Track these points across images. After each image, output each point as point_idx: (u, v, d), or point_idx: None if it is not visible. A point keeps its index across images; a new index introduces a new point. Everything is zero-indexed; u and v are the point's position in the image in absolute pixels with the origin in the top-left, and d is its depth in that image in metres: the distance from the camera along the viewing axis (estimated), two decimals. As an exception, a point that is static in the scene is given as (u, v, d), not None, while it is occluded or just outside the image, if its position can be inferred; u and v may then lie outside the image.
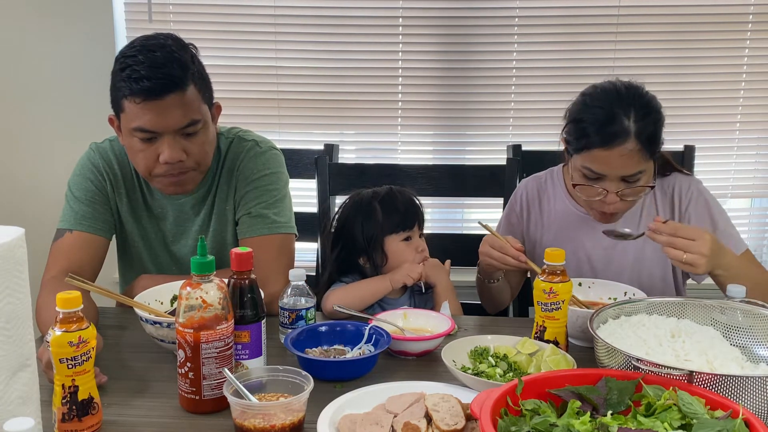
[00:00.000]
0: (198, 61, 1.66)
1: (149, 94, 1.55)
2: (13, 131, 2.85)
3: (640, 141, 1.64)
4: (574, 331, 1.53)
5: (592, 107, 1.68)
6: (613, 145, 1.64)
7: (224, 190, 1.79)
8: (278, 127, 2.86)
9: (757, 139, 2.88)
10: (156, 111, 1.57)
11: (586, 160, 1.70)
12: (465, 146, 2.91)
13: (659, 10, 2.75)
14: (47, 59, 2.79)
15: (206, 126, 1.66)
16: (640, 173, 1.70)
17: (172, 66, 1.56)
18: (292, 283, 1.57)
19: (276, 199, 1.78)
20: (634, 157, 1.65)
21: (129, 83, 1.55)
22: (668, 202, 1.86)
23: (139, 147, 1.62)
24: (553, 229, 1.92)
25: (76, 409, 1.16)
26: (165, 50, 1.58)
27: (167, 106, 1.57)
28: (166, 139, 1.60)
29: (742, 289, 1.48)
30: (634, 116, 1.64)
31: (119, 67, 1.58)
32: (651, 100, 1.70)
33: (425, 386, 1.30)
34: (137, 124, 1.58)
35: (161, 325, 1.44)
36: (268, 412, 1.16)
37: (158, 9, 2.78)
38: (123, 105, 1.59)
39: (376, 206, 1.84)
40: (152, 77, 1.54)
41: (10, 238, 1.04)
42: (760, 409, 1.10)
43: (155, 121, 1.58)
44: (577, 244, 1.89)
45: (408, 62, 2.82)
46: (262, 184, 1.78)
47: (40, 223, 1.97)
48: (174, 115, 1.58)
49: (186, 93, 1.59)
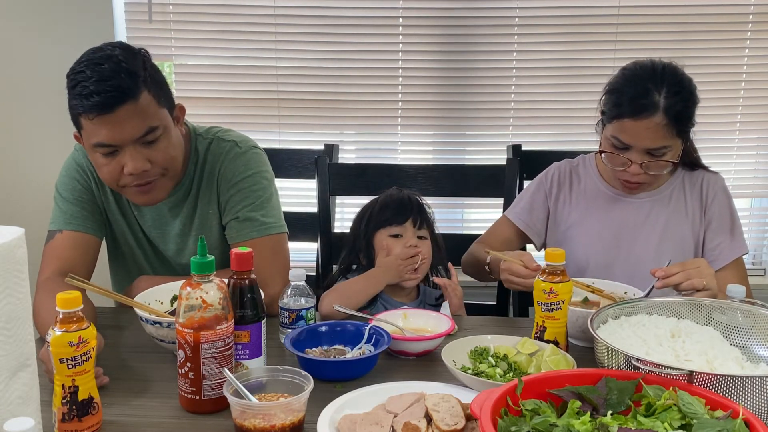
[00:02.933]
0: (151, 65, 1.62)
1: (101, 109, 1.52)
2: (13, 131, 2.85)
3: (667, 116, 1.71)
4: (574, 331, 1.53)
5: (629, 80, 1.78)
6: (642, 117, 1.72)
7: (207, 193, 1.77)
8: (278, 127, 2.86)
9: (757, 139, 2.88)
10: (111, 124, 1.54)
11: (616, 130, 1.77)
12: (465, 146, 2.90)
13: (659, 10, 2.75)
14: (47, 59, 2.79)
15: (167, 131, 1.63)
16: (665, 148, 1.76)
17: (119, 77, 1.52)
18: (292, 283, 1.58)
19: (262, 199, 1.76)
20: (660, 131, 1.72)
21: (80, 100, 1.53)
22: (696, 194, 1.92)
23: (102, 161, 1.60)
24: (582, 205, 1.97)
25: (76, 409, 1.16)
26: (112, 61, 1.54)
27: (121, 119, 1.54)
28: (127, 151, 1.57)
29: (742, 289, 1.49)
30: (665, 92, 1.72)
31: (70, 85, 1.56)
32: (684, 80, 1.78)
33: (425, 386, 1.30)
34: (95, 140, 1.56)
35: (161, 325, 1.44)
36: (268, 412, 1.16)
37: (158, 9, 2.78)
38: (80, 122, 1.57)
39: (374, 203, 1.88)
40: (101, 92, 1.51)
41: (10, 238, 1.04)
42: (760, 409, 1.10)
43: (112, 135, 1.55)
44: (607, 220, 1.93)
45: (408, 62, 2.82)
46: (246, 185, 1.75)
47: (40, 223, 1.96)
48: (130, 126, 1.55)
49: (138, 102, 1.54)
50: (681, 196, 1.92)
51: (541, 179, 2.04)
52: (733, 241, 1.88)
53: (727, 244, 1.87)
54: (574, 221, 1.96)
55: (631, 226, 1.91)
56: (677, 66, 1.80)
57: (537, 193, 2.02)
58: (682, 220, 1.90)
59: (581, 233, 1.95)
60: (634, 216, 1.92)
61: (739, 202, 3.01)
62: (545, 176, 2.03)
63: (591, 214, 1.95)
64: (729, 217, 1.90)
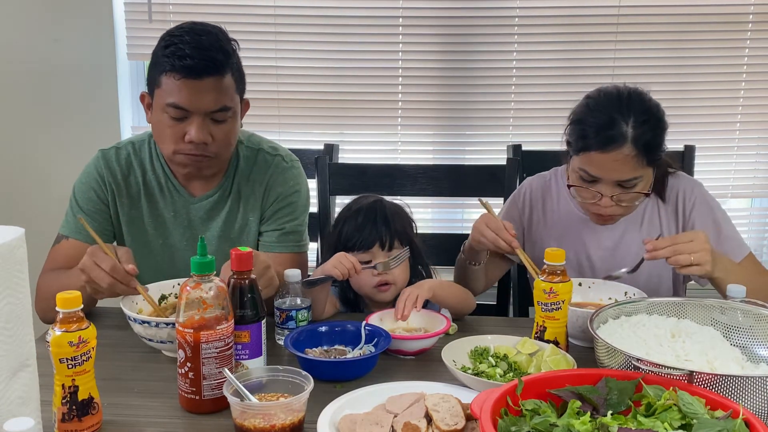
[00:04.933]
0: (238, 56, 1.71)
1: (190, 72, 1.60)
2: (13, 131, 2.85)
3: (636, 147, 1.65)
4: (574, 331, 1.53)
5: (594, 110, 1.71)
6: (610, 149, 1.66)
7: (250, 201, 1.82)
8: (278, 127, 2.86)
9: (757, 139, 2.88)
10: (193, 90, 1.61)
11: (584, 162, 1.71)
12: (465, 146, 2.90)
13: (659, 11, 2.75)
14: (47, 59, 2.79)
15: (235, 116, 1.70)
16: (636, 179, 1.70)
17: (215, 50, 1.62)
18: (289, 282, 1.57)
19: (304, 216, 1.87)
20: (629, 162, 1.66)
21: (172, 59, 1.60)
22: (672, 208, 1.86)
23: (168, 123, 1.65)
24: (556, 229, 1.92)
25: (76, 409, 1.16)
26: (211, 36, 1.64)
27: (204, 88, 1.61)
28: (195, 120, 1.64)
29: (742, 289, 1.48)
30: (632, 122, 1.65)
31: (164, 45, 1.64)
32: (652, 107, 1.71)
33: (425, 386, 1.30)
34: (172, 99, 1.62)
35: (150, 325, 1.44)
36: (268, 412, 1.16)
37: (158, 9, 2.78)
38: (161, 80, 1.63)
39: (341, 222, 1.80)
40: (195, 57, 1.59)
41: (10, 238, 1.04)
42: (760, 409, 1.10)
43: (190, 100, 1.62)
44: (579, 246, 1.89)
45: (408, 62, 2.82)
46: (294, 200, 1.84)
47: (40, 223, 1.96)
48: (209, 97, 1.63)
49: (223, 79, 1.64)
50: (654, 213, 1.86)
51: (513, 198, 2.01)
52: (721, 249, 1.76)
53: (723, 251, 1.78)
54: (549, 243, 1.89)
55: (607, 246, 1.87)
56: (643, 92, 1.72)
57: (511, 211, 1.98)
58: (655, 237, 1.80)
59: None
60: (607, 236, 1.87)
61: (739, 202, 3.02)
62: (517, 194, 2.00)
63: (565, 239, 1.89)
64: (712, 224, 1.81)
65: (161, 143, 1.71)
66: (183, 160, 1.69)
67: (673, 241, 1.58)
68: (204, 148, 1.66)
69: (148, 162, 1.81)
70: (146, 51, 2.76)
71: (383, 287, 1.74)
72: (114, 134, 2.78)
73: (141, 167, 1.81)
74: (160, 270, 1.79)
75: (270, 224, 1.82)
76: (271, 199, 1.82)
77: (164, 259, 1.84)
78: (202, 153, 1.67)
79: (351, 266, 1.63)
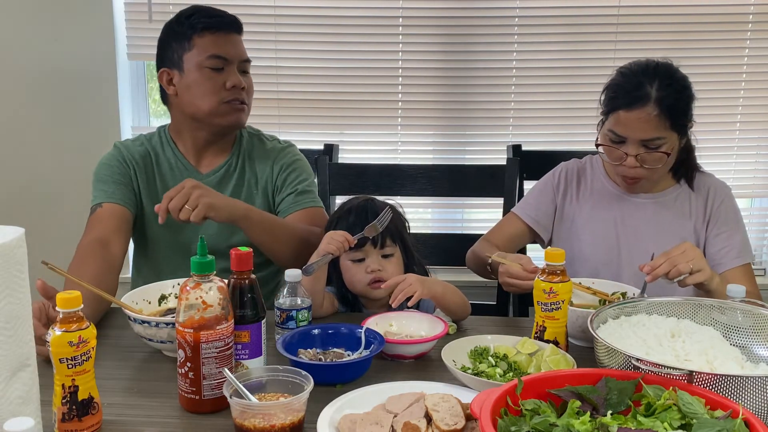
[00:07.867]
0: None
1: (221, 26, 1.86)
2: (13, 131, 2.85)
3: (659, 107, 1.76)
4: (574, 331, 1.53)
5: (624, 75, 1.85)
6: (634, 108, 1.77)
7: (251, 177, 1.98)
8: (278, 127, 2.86)
9: (757, 139, 2.88)
10: (226, 41, 1.87)
11: (611, 123, 1.83)
12: (465, 146, 2.91)
13: (659, 10, 2.75)
14: (47, 59, 2.79)
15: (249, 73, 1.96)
16: (659, 140, 1.79)
17: (232, 16, 1.91)
18: (288, 282, 1.57)
19: (312, 178, 2.05)
20: (652, 121, 1.77)
21: (200, 19, 1.85)
22: (702, 199, 1.95)
23: (208, 76, 1.85)
24: (589, 202, 2.00)
25: (76, 409, 1.16)
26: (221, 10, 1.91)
27: (235, 41, 1.90)
28: (230, 70, 1.87)
29: (742, 289, 1.49)
30: (657, 85, 1.78)
31: (184, 15, 1.88)
32: (677, 75, 1.83)
33: (425, 386, 1.30)
34: (213, 51, 1.85)
35: (149, 325, 1.45)
36: (268, 412, 1.16)
37: (158, 9, 2.78)
38: (192, 43, 1.85)
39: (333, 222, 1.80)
40: (222, 15, 1.89)
41: (10, 238, 1.04)
42: (760, 409, 1.10)
43: (226, 49, 1.86)
44: (610, 219, 1.97)
45: (408, 62, 2.82)
46: (299, 166, 2.02)
47: (40, 223, 1.97)
48: (240, 48, 1.91)
49: (241, 38, 1.92)
50: (686, 200, 1.95)
51: (549, 176, 2.08)
52: (737, 247, 1.89)
53: (731, 249, 1.88)
54: (580, 218, 1.99)
55: (635, 224, 1.94)
56: (672, 64, 1.85)
57: (545, 190, 2.05)
58: (685, 222, 1.92)
59: (587, 230, 1.97)
60: (638, 215, 1.94)
61: (739, 202, 2.99)
62: (553, 174, 2.07)
63: (597, 212, 1.98)
64: (735, 224, 1.93)
65: (201, 100, 1.86)
66: (226, 110, 1.87)
67: (666, 256, 1.61)
68: (242, 94, 1.88)
69: (159, 147, 1.98)
70: (146, 51, 2.79)
71: (376, 284, 1.74)
72: (114, 134, 2.78)
73: (154, 151, 1.98)
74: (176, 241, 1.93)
75: (283, 192, 1.98)
76: (276, 171, 1.99)
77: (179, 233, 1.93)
78: (241, 99, 1.88)
79: (343, 239, 1.66)
